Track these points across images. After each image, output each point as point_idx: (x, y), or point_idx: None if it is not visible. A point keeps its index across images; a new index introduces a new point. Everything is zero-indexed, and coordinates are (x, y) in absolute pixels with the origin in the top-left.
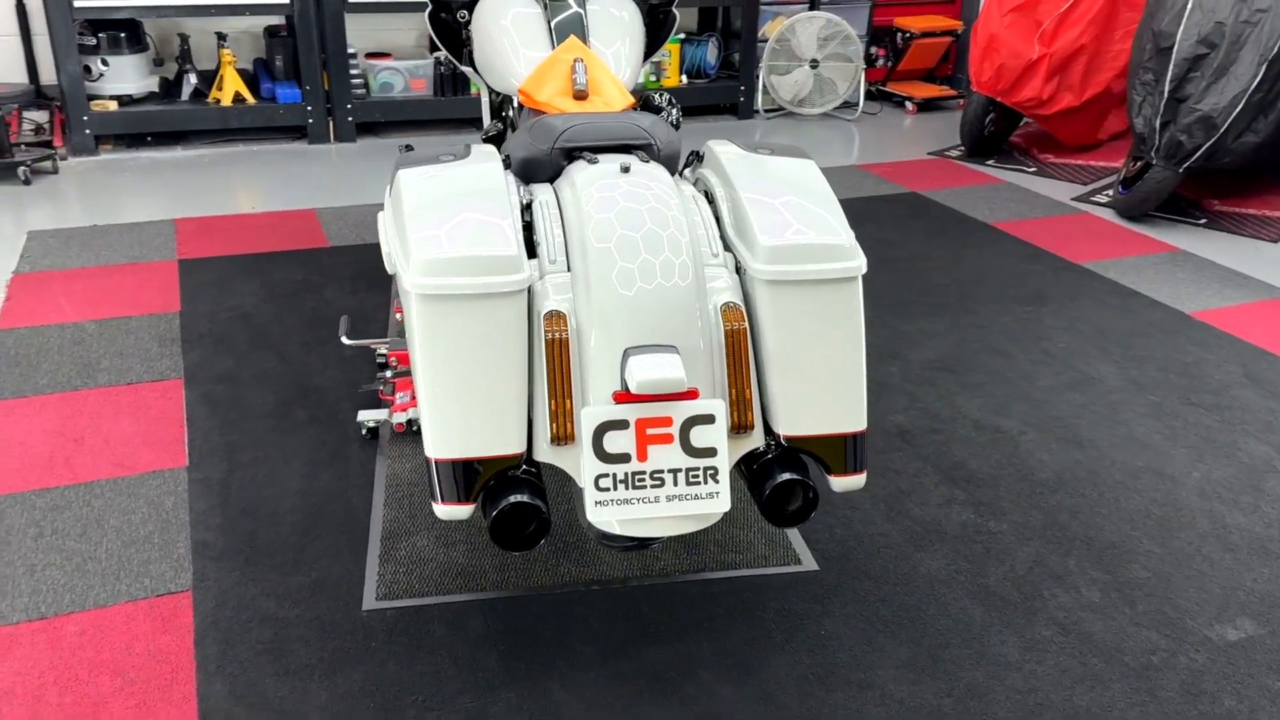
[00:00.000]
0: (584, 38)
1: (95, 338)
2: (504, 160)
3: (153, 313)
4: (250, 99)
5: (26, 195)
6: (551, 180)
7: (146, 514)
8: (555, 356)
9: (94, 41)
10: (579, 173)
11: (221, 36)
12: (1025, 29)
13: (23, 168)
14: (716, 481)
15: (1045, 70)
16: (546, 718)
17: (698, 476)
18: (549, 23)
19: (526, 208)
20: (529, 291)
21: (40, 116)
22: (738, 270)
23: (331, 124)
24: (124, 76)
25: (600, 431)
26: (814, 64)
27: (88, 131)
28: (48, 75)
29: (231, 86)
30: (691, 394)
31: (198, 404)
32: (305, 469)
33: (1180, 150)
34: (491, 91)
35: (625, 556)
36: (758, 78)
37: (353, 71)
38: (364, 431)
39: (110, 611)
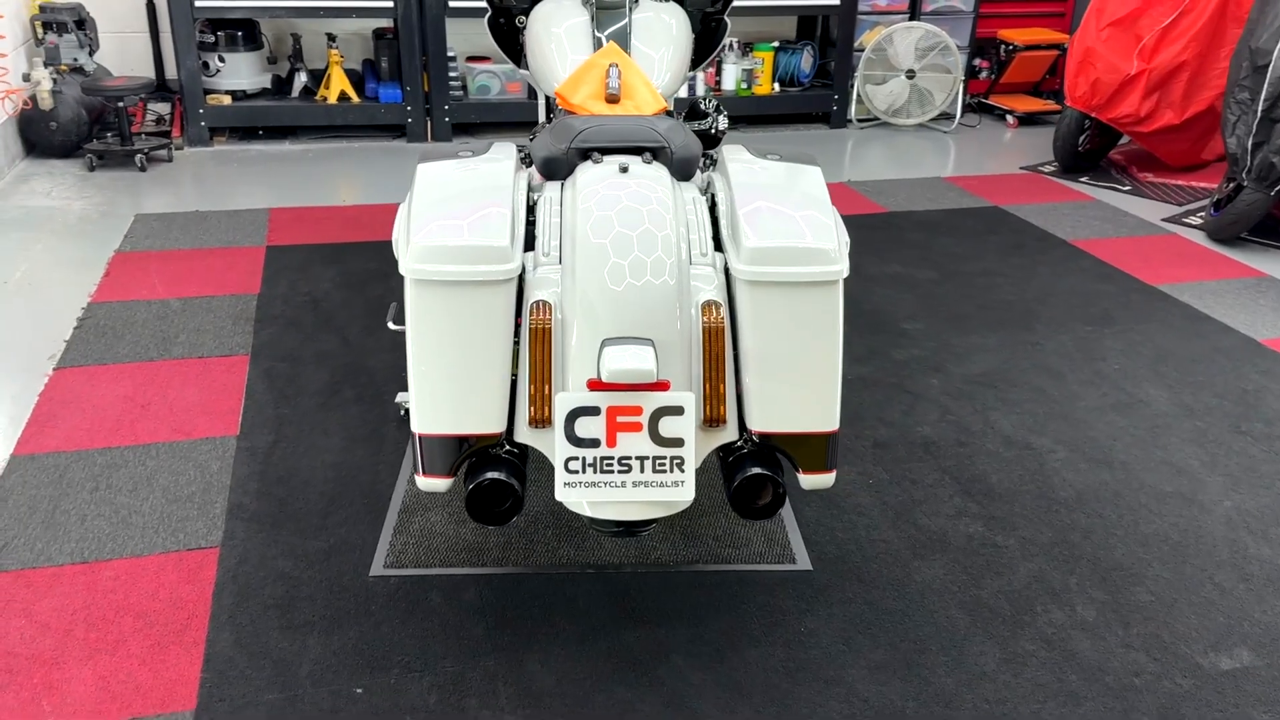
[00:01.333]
0: (626, 43)
1: (178, 314)
2: (524, 158)
3: (234, 293)
4: (355, 98)
5: (142, 181)
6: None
7: (193, 476)
8: (538, 344)
9: (212, 39)
10: (582, 172)
11: (331, 38)
12: (1124, 43)
13: (139, 155)
14: (682, 471)
15: (1144, 86)
16: (518, 687)
17: (664, 465)
18: (594, 29)
19: (535, 205)
20: (522, 281)
21: (163, 108)
22: (726, 270)
23: (429, 124)
24: (239, 73)
25: (573, 416)
26: (910, 74)
27: (203, 124)
28: (171, 70)
29: (337, 85)
30: (662, 386)
31: (258, 379)
32: (342, 444)
33: (1273, 172)
34: (545, 94)
35: (624, 543)
36: (852, 87)
37: (452, 74)
38: (401, 412)
39: (144, 561)
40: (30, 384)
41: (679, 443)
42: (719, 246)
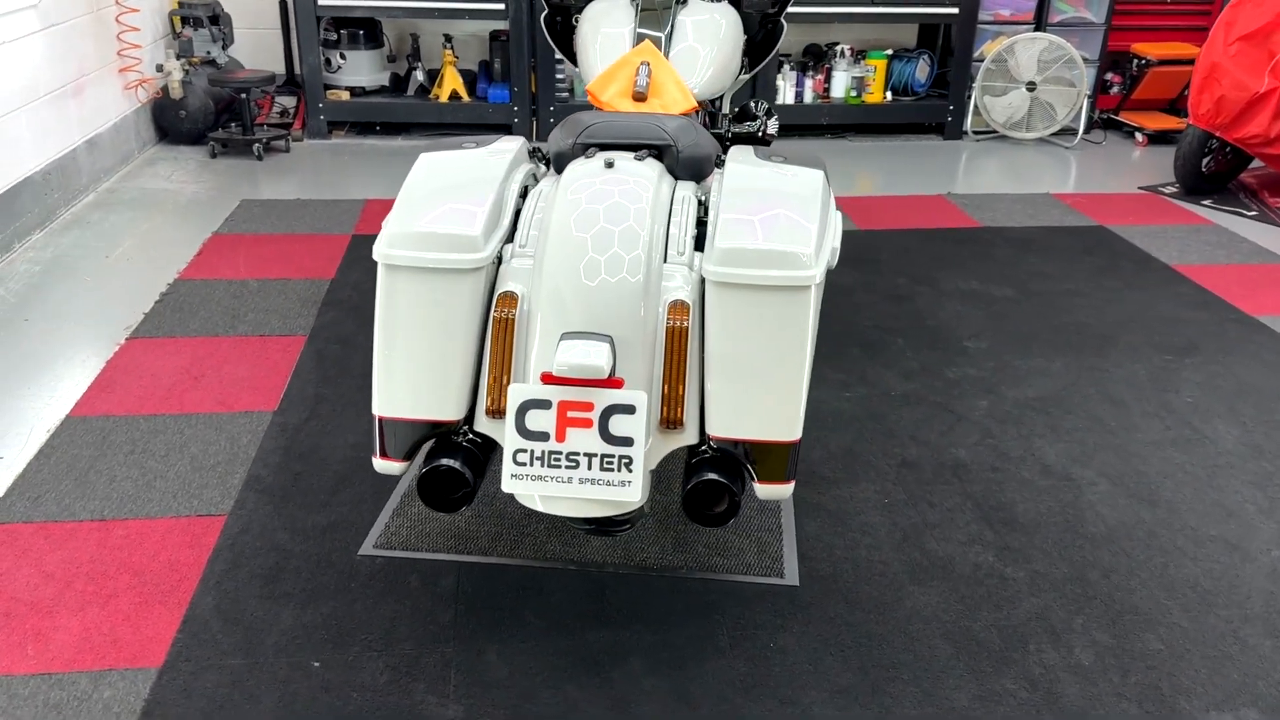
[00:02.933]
0: (667, 43)
1: (253, 293)
2: (532, 151)
3: (309, 278)
4: (465, 97)
5: (257, 169)
6: None
7: (222, 447)
8: (500, 334)
9: (335, 37)
10: (571, 167)
11: (448, 38)
12: (1255, 59)
13: (257, 145)
14: (630, 471)
15: (1275, 105)
16: (470, 675)
17: (612, 464)
18: (636, 28)
19: (526, 196)
20: (495, 272)
21: (289, 101)
22: None
23: (535, 123)
24: (359, 70)
25: (524, 408)
26: (1031, 86)
27: (322, 117)
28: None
29: (450, 84)
30: (615, 383)
31: (309, 359)
32: (368, 425)
33: None
34: None
35: (610, 542)
36: (969, 98)
37: (558, 76)
38: None
39: (154, 523)
40: (102, 351)
41: (628, 442)
42: (703, 248)
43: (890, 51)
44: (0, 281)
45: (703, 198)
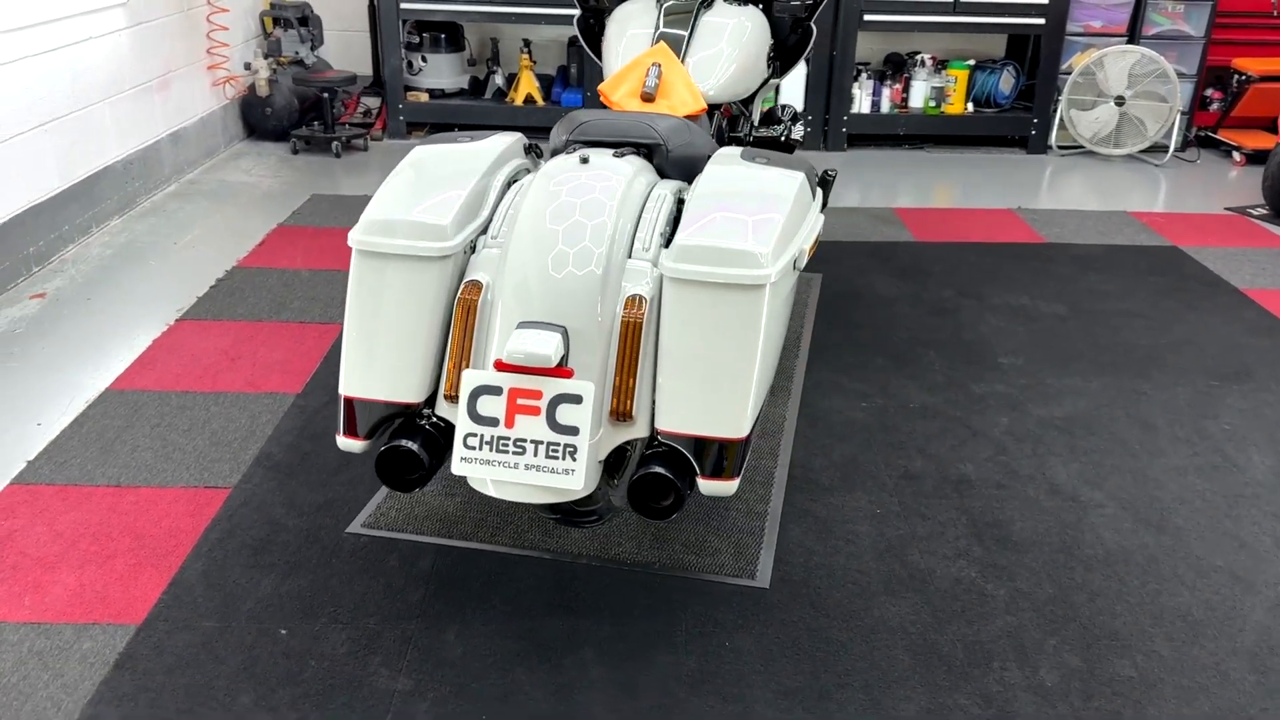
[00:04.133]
0: (687, 45)
1: (303, 282)
2: (528, 147)
3: None
4: (540, 101)
5: (334, 166)
6: None
7: (242, 424)
8: (461, 321)
9: (418, 40)
10: (549, 163)
11: (526, 43)
12: None
13: (336, 143)
14: (574, 460)
15: None
16: (425, 653)
17: (557, 452)
18: (657, 30)
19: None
20: (466, 261)
21: (374, 102)
22: None
23: None
24: (439, 72)
25: (476, 393)
26: (1119, 101)
27: (401, 118)
28: None
29: (525, 88)
30: (564, 373)
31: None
32: None
33: None
34: None
35: (588, 535)
36: (1054, 112)
37: None
38: None
39: (164, 492)
40: (151, 330)
41: (574, 431)
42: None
43: (972, 62)
44: (74, 263)
45: (685, 197)
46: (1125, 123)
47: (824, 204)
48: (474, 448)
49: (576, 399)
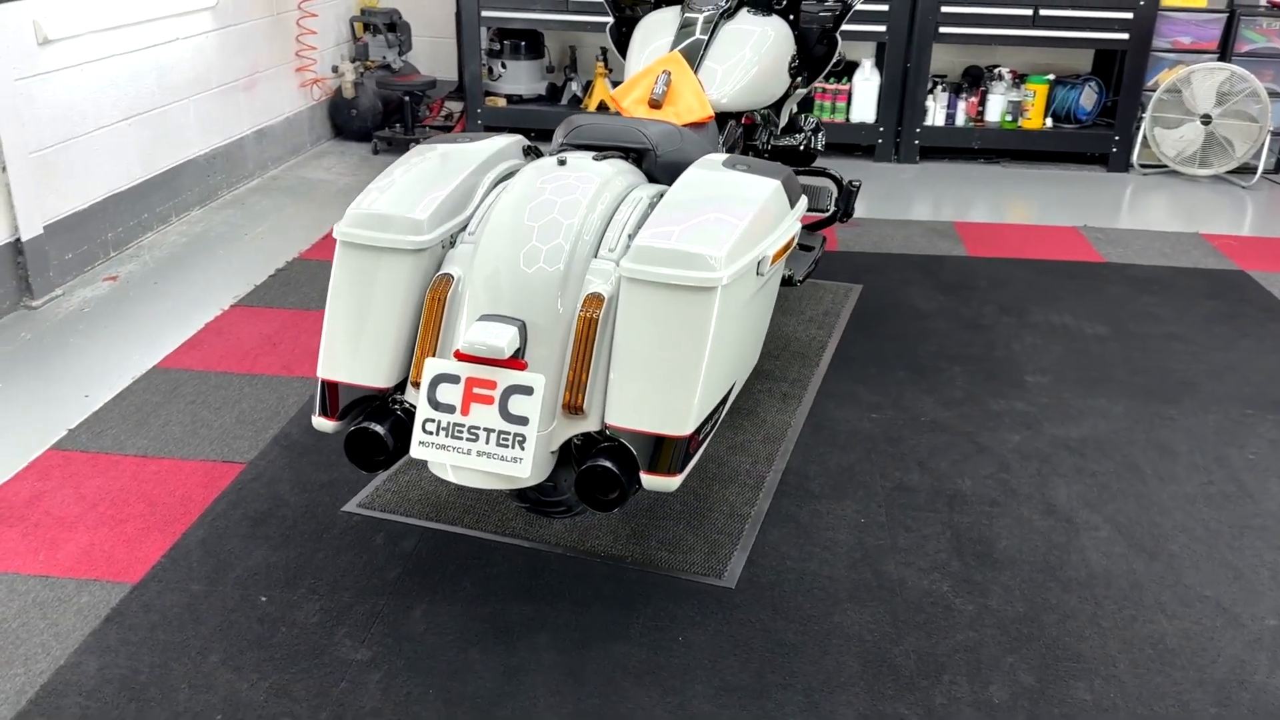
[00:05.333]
0: (703, 53)
1: None
2: (527, 149)
3: None
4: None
5: None
6: None
7: (269, 405)
8: (430, 312)
9: (499, 47)
10: (530, 164)
11: (603, 51)
12: None
13: (414, 144)
14: (522, 449)
15: None
16: (390, 628)
17: (507, 440)
18: (674, 38)
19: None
20: (444, 255)
21: (458, 106)
22: None
23: None
24: (518, 79)
25: (436, 381)
26: (1206, 120)
27: (479, 122)
28: None
29: (598, 95)
30: (517, 364)
31: None
32: None
33: None
34: None
35: (566, 526)
36: (1138, 129)
37: None
38: None
39: (183, 464)
40: (206, 315)
41: (524, 421)
42: None
43: (1052, 76)
44: (149, 249)
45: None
46: (1212, 142)
47: (847, 214)
48: (432, 433)
49: (528, 390)
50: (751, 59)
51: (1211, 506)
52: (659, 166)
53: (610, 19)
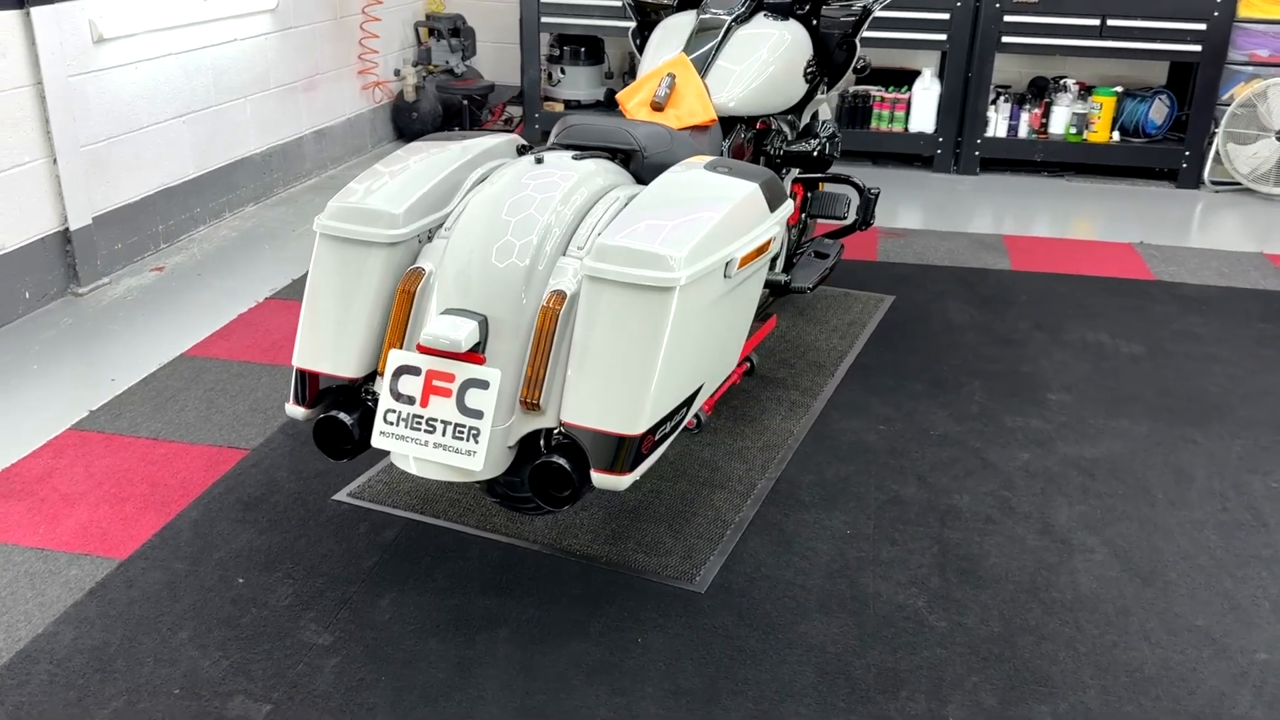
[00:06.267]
0: (713, 57)
1: None
2: (521, 148)
3: None
4: None
5: None
6: None
7: (282, 394)
8: (399, 304)
9: (559, 53)
10: (511, 162)
11: None
12: None
13: None
14: (476, 443)
15: None
16: (356, 614)
17: (462, 433)
18: (687, 42)
19: None
20: (419, 250)
21: (519, 110)
22: None
23: None
24: (577, 84)
25: (399, 372)
26: None
27: (536, 126)
28: None
29: None
30: (475, 358)
31: None
32: None
33: None
34: None
35: (545, 523)
36: (1210, 145)
37: None
38: None
39: (191, 448)
40: (240, 306)
41: (479, 415)
42: None
43: (1120, 89)
44: (199, 242)
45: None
46: None
47: (865, 223)
48: (392, 423)
49: (484, 384)
50: (763, 63)
51: (1221, 534)
52: (646, 168)
53: (633, 22)
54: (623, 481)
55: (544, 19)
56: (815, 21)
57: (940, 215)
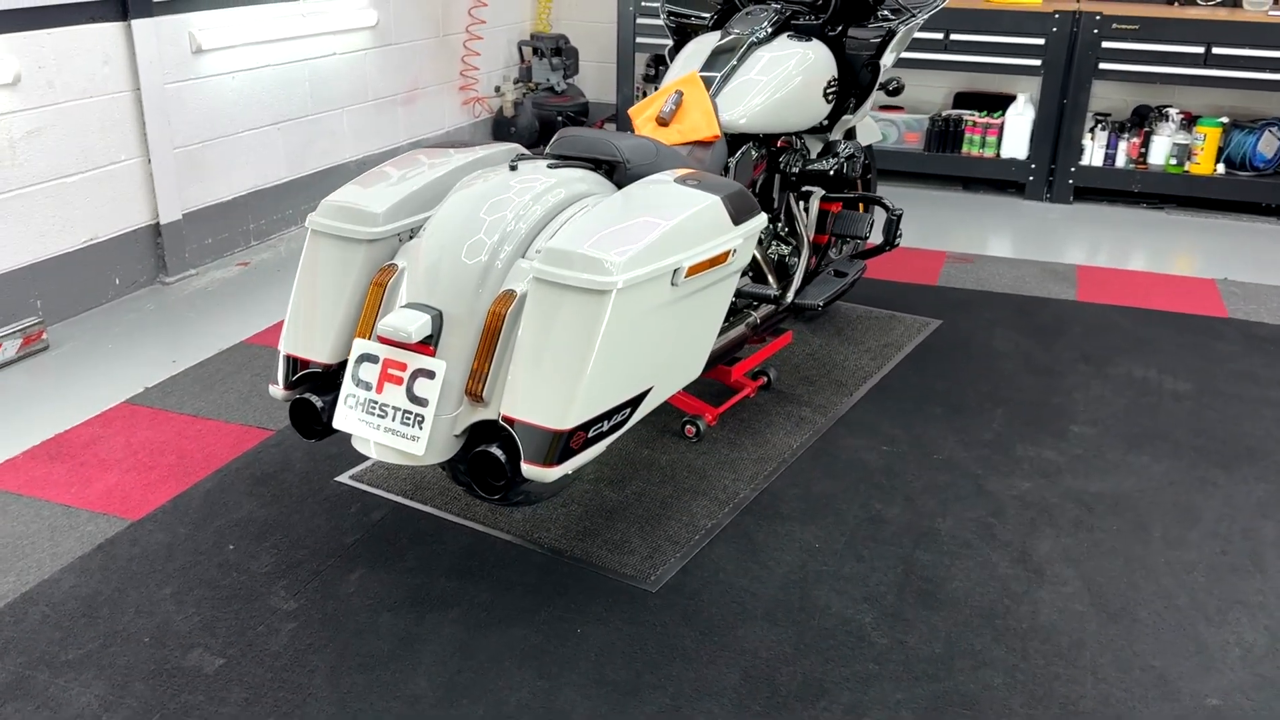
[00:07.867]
0: (728, 74)
1: None
2: (519, 157)
3: None
4: None
5: None
6: None
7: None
8: (371, 297)
9: (654, 72)
10: (497, 169)
11: None
12: None
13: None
14: (420, 429)
15: None
16: (323, 588)
17: (409, 420)
18: (705, 60)
19: None
20: (398, 246)
21: (613, 127)
22: None
23: None
24: None
25: (361, 360)
26: None
27: None
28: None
29: None
30: (425, 350)
31: None
32: None
33: None
34: None
35: (522, 515)
36: None
37: None
38: None
39: (224, 425)
40: None
41: (424, 403)
42: None
43: (1226, 119)
44: (288, 241)
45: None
46: None
47: (893, 243)
48: (351, 407)
49: (430, 374)
50: (778, 82)
51: (1210, 577)
52: (629, 179)
53: (670, 41)
54: (550, 474)
55: (639, 39)
56: (841, 43)
57: (1020, 242)
